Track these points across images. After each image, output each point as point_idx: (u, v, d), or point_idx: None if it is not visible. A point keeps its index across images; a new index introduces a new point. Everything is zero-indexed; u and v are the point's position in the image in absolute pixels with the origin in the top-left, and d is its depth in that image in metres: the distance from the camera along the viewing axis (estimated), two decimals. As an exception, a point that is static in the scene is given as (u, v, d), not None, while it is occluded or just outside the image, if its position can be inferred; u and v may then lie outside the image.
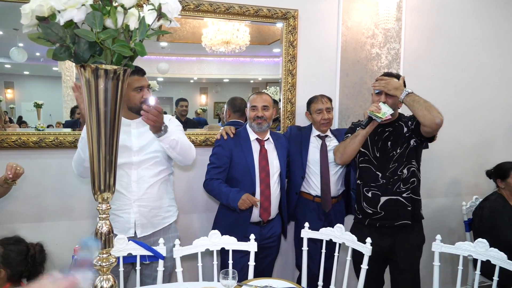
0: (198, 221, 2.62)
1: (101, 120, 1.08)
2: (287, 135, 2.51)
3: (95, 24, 0.99)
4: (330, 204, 2.41)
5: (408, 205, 2.12)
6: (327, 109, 2.42)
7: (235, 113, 2.58)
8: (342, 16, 2.71)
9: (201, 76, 2.75)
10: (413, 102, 1.99)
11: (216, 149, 2.27)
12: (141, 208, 1.94)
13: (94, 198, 1.14)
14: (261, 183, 2.23)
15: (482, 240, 1.82)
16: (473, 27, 3.09)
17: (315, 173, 2.43)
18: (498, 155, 3.18)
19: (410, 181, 2.14)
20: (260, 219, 2.26)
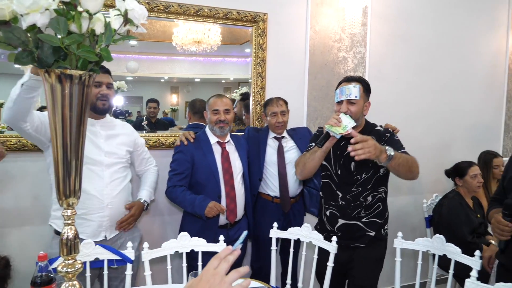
0: (161, 224, 2.59)
1: (66, 126, 1.08)
2: (245, 137, 2.53)
3: (59, 29, 0.98)
4: (289, 204, 2.45)
5: (367, 230, 2.02)
6: (282, 112, 2.43)
7: (195, 115, 2.58)
8: (310, 21, 2.77)
9: (172, 75, 2.73)
10: (398, 166, 1.79)
11: (176, 156, 2.24)
12: (112, 211, 1.94)
13: (59, 204, 1.12)
14: (225, 185, 2.24)
15: (439, 236, 1.92)
16: (433, 34, 3.24)
17: (273, 174, 2.46)
18: (456, 155, 3.34)
19: (374, 207, 2.02)
20: (227, 221, 2.27)
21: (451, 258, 1.85)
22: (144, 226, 2.49)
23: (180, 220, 2.38)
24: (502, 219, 1.59)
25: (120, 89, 2.54)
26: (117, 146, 1.99)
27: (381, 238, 2.08)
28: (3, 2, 0.99)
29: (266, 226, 2.38)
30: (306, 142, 2.44)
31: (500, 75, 3.59)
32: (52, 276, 1.33)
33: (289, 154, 2.48)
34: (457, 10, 3.32)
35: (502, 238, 1.61)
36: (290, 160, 2.46)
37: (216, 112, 2.24)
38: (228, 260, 0.86)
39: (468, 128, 3.48)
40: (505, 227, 1.57)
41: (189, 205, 2.13)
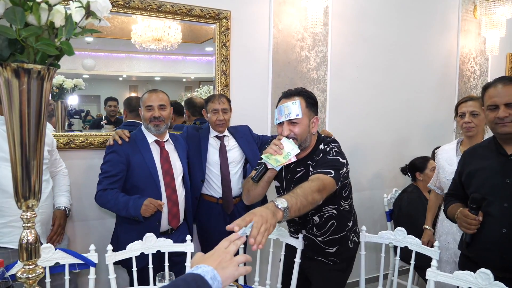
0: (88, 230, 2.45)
1: (24, 123, 1.02)
2: (183, 136, 2.41)
3: (16, 20, 0.93)
4: (232, 205, 2.38)
5: (326, 248, 1.86)
6: (223, 110, 2.33)
7: (132, 113, 2.45)
8: (273, 19, 2.80)
9: (130, 73, 2.64)
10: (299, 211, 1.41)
11: (109, 156, 2.04)
12: (43, 216, 1.84)
13: (17, 206, 1.06)
14: (166, 188, 2.09)
15: (401, 229, 2.00)
16: (390, 34, 3.37)
17: (216, 174, 2.38)
18: (413, 151, 3.51)
19: (326, 226, 1.83)
20: (169, 226, 2.14)
21: (412, 250, 1.93)
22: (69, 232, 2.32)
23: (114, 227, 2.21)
24: (469, 213, 1.62)
25: (77, 87, 2.43)
26: None
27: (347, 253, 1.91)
28: (-49, -10, 0.92)
29: (212, 229, 2.37)
30: (247, 140, 2.47)
31: (452, 74, 3.81)
32: (10, 283, 1.26)
33: (232, 153, 2.43)
34: (412, 12, 3.48)
35: (469, 232, 1.65)
36: (232, 159, 2.42)
37: (149, 108, 2.08)
38: (236, 244, 1.00)
39: (424, 125, 3.65)
40: (472, 221, 1.61)
41: (123, 208, 1.94)
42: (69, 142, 2.29)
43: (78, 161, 2.35)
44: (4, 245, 1.74)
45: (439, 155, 2.41)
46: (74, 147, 2.32)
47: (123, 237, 2.08)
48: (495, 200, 1.61)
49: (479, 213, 1.62)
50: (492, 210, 1.61)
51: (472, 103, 2.23)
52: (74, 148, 2.32)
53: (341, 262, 1.89)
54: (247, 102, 2.79)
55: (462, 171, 1.82)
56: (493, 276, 1.42)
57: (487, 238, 1.63)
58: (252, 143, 2.50)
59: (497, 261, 1.59)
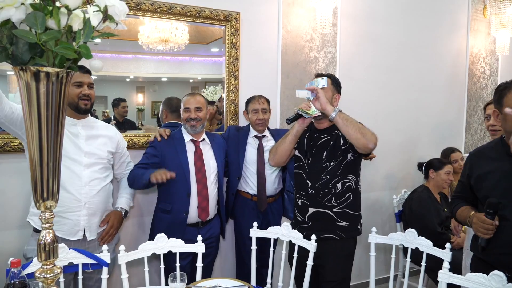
0: (137, 226, 2.54)
1: (42, 125, 1.03)
2: (225, 136, 2.53)
3: (37, 25, 0.94)
4: (265, 203, 2.47)
5: (338, 220, 2.00)
6: (263, 109, 2.46)
7: (173, 114, 2.54)
8: (282, 20, 2.80)
9: (137, 74, 2.66)
10: (346, 121, 1.86)
11: (147, 149, 2.26)
12: (90, 211, 1.92)
13: (36, 207, 1.08)
14: (197, 183, 2.23)
15: (411, 230, 1.99)
16: (399, 34, 3.36)
17: (252, 172, 2.48)
18: (422, 152, 3.50)
19: (345, 196, 2.00)
20: (199, 219, 2.25)
21: (423, 251, 1.93)
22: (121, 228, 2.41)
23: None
24: (485, 218, 1.60)
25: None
26: (97, 146, 1.98)
27: (354, 233, 2.06)
28: (-27, -4, 0.94)
29: (246, 223, 2.41)
30: None
31: (461, 75, 3.79)
32: (26, 283, 1.28)
33: None
34: (421, 12, 3.47)
35: (486, 237, 1.62)
36: None
37: (187, 110, 2.24)
38: None
39: (433, 125, 3.64)
40: (489, 226, 1.59)
41: (141, 175, 2.07)
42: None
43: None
44: None
45: None
46: None
47: (156, 224, 2.27)
48: (509, 203, 1.59)
49: (495, 217, 1.60)
50: (507, 214, 1.59)
51: None
52: None
53: (348, 239, 2.02)
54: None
55: (471, 174, 1.79)
56: (506, 278, 1.42)
57: (503, 241, 1.61)
58: None
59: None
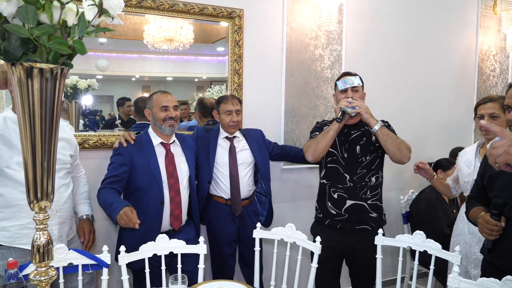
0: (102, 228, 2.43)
1: (36, 123, 1.00)
2: (193, 137, 2.40)
3: (28, 19, 0.91)
4: (240, 207, 2.37)
5: (371, 212, 2.17)
6: (237, 111, 2.34)
7: (138, 114, 2.48)
8: (286, 17, 2.75)
9: (143, 74, 2.64)
10: (386, 136, 2.05)
11: (113, 158, 2.08)
12: (61, 219, 1.85)
13: (30, 208, 1.05)
14: (170, 189, 2.11)
15: (419, 232, 1.93)
16: (406, 32, 3.30)
17: (225, 175, 2.36)
18: (430, 152, 3.44)
19: (377, 189, 2.20)
20: (170, 228, 2.15)
21: (432, 254, 1.87)
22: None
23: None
24: (490, 219, 1.57)
25: (91, 87, 2.44)
26: (60, 151, 1.81)
27: (382, 223, 2.23)
28: (-36, -11, 0.91)
29: (221, 229, 2.36)
30: (258, 145, 2.46)
31: (470, 73, 3.71)
32: (24, 284, 1.26)
33: (241, 155, 2.39)
34: (429, 9, 3.40)
35: (491, 238, 1.59)
36: (242, 160, 2.38)
37: (165, 108, 2.11)
38: None
39: (441, 124, 3.56)
40: (494, 227, 1.56)
41: (108, 207, 1.90)
42: (82, 142, 2.29)
43: (91, 161, 2.34)
44: (23, 246, 1.74)
45: (460, 157, 2.36)
46: (87, 147, 2.32)
47: (125, 236, 2.10)
48: None
49: (501, 218, 1.55)
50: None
51: (492, 104, 2.14)
52: (87, 148, 2.32)
53: (377, 228, 2.10)
54: (260, 102, 2.75)
55: (484, 174, 1.75)
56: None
57: (509, 244, 1.56)
58: (263, 148, 2.48)
59: None
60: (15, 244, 1.74)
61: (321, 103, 2.95)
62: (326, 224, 2.20)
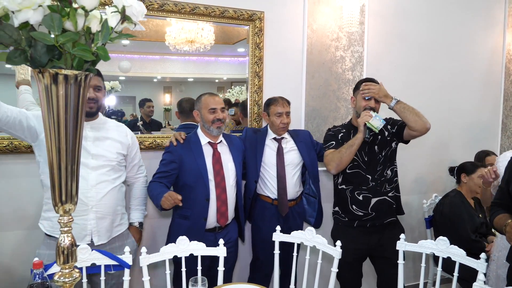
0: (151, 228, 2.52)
1: (61, 128, 1.02)
2: (242, 137, 2.46)
3: (53, 27, 0.93)
4: (287, 208, 2.40)
5: (393, 203, 2.28)
6: (287, 113, 2.39)
7: (182, 115, 2.55)
8: (307, 19, 2.73)
9: (164, 75, 2.68)
10: (403, 109, 2.14)
11: (164, 156, 2.20)
12: (98, 215, 1.88)
13: (55, 210, 1.07)
14: (216, 187, 2.18)
15: (443, 238, 1.89)
16: (429, 32, 3.22)
17: (272, 176, 2.40)
18: (454, 154, 3.34)
19: (393, 180, 2.29)
20: (217, 224, 2.20)
21: (456, 261, 1.82)
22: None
23: None
24: None
25: (114, 89, 2.49)
26: (106, 148, 1.92)
27: (400, 214, 2.36)
28: (-7, -1, 0.94)
29: (266, 228, 2.37)
30: (307, 146, 2.47)
31: (497, 73, 3.59)
32: (48, 284, 1.28)
33: (289, 156, 2.43)
34: (454, 8, 3.31)
35: None
36: (290, 161, 2.42)
37: (213, 110, 2.17)
38: None
39: (466, 127, 3.46)
40: None
41: (154, 197, 2.05)
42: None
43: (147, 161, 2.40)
44: None
45: (499, 162, 2.27)
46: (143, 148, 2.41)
47: (174, 228, 2.23)
48: None
49: None
50: None
51: None
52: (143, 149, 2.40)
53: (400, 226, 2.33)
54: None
55: (510, 180, 1.71)
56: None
57: None
58: (311, 149, 2.50)
59: None
60: (56, 234, 1.82)
61: (342, 105, 2.92)
62: (355, 226, 2.26)
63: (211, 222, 2.19)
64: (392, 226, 2.29)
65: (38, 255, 1.84)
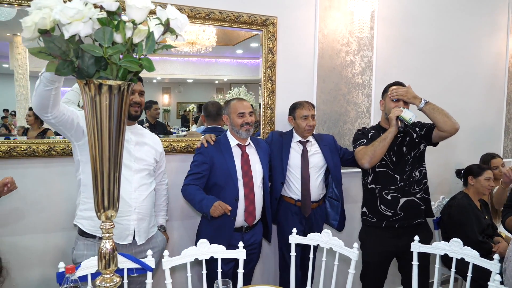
0: (177, 228, 2.58)
1: (104, 137, 1.05)
2: (268, 141, 2.53)
3: (104, 40, 0.96)
4: (309, 209, 2.46)
5: (421, 205, 2.32)
6: (312, 116, 2.46)
7: (208, 118, 2.60)
8: (319, 24, 2.77)
9: (164, 76, 2.69)
10: (432, 110, 2.19)
11: (196, 157, 2.27)
12: (139, 216, 1.94)
13: (97, 217, 1.10)
14: (245, 187, 2.25)
15: (456, 240, 1.93)
16: (436, 37, 3.27)
17: (296, 177, 2.46)
18: (460, 157, 3.40)
19: (422, 182, 2.33)
20: (245, 223, 2.27)
21: (469, 262, 1.87)
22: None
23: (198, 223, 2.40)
24: None
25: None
26: (145, 153, 2.01)
27: (430, 216, 2.41)
28: (44, 11, 0.97)
29: (289, 228, 2.40)
30: (330, 150, 2.53)
31: (501, 77, 3.66)
32: (79, 286, 1.31)
33: (313, 158, 2.48)
34: (460, 13, 3.37)
35: None
36: (314, 164, 2.47)
37: (242, 115, 2.25)
38: None
39: (471, 130, 3.52)
40: None
41: (197, 203, 2.11)
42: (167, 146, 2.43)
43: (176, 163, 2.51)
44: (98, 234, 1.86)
45: None
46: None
47: (203, 228, 2.30)
48: None
49: None
50: None
51: None
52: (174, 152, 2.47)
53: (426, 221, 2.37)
54: (292, 108, 2.77)
55: None
56: None
57: None
58: (335, 153, 2.55)
59: None
60: (98, 234, 1.86)
61: (351, 108, 2.96)
62: (383, 226, 2.31)
63: (239, 221, 2.25)
64: (422, 228, 2.32)
65: (75, 256, 1.88)
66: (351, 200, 2.99)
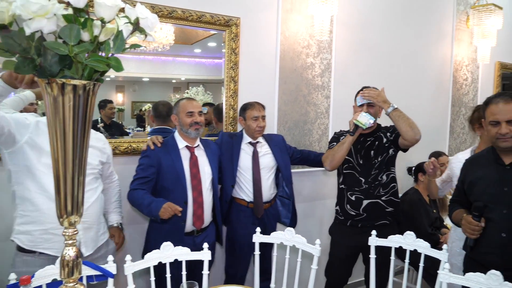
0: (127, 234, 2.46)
1: (68, 139, 1.00)
2: (218, 142, 2.49)
3: (70, 37, 0.91)
4: (262, 210, 2.46)
5: (386, 207, 2.36)
6: (263, 117, 2.45)
7: (158, 119, 2.54)
8: (280, 26, 2.81)
9: (118, 74, 2.58)
10: (398, 117, 2.21)
11: (142, 160, 2.19)
12: (85, 225, 1.82)
13: (60, 222, 1.05)
14: (193, 190, 2.20)
15: (410, 233, 2.06)
16: (390, 43, 3.44)
17: (247, 179, 2.46)
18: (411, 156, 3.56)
19: (389, 186, 2.38)
20: (194, 227, 2.22)
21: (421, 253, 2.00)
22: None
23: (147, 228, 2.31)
24: (472, 220, 1.77)
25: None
26: (89, 156, 1.82)
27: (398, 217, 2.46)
28: (1, 5, 0.91)
29: (241, 230, 2.44)
30: (280, 149, 2.55)
31: (446, 82, 3.92)
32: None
33: (264, 159, 2.49)
34: (410, 22, 3.57)
35: (473, 237, 1.79)
36: (264, 165, 2.48)
37: (191, 114, 2.21)
38: None
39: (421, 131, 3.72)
40: (475, 227, 1.76)
41: (146, 207, 2.03)
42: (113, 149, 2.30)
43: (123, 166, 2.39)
44: (45, 251, 1.73)
45: (453, 163, 2.47)
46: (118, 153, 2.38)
47: (152, 234, 2.24)
48: (495, 207, 1.75)
49: (481, 219, 1.76)
50: (493, 216, 1.76)
51: None
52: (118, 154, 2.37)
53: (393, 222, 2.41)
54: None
55: (464, 180, 1.95)
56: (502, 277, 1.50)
57: (488, 242, 1.77)
58: (285, 152, 2.57)
59: (498, 262, 1.74)
60: (37, 249, 1.73)
61: (311, 109, 3.03)
62: (348, 224, 2.38)
63: (188, 225, 2.20)
64: (386, 228, 2.34)
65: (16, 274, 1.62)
66: (302, 200, 3.06)
